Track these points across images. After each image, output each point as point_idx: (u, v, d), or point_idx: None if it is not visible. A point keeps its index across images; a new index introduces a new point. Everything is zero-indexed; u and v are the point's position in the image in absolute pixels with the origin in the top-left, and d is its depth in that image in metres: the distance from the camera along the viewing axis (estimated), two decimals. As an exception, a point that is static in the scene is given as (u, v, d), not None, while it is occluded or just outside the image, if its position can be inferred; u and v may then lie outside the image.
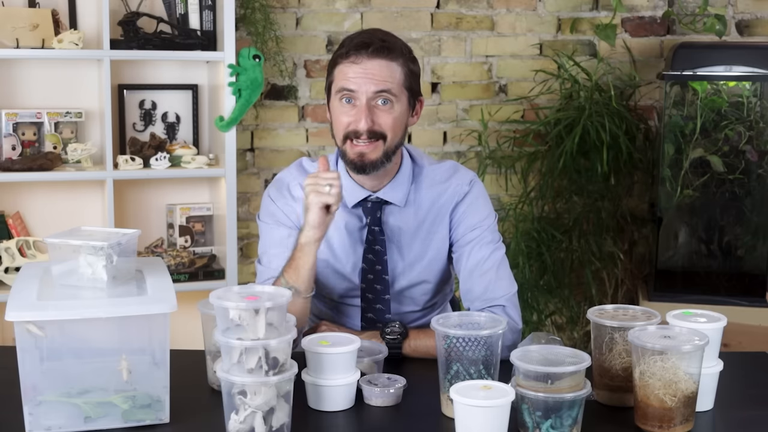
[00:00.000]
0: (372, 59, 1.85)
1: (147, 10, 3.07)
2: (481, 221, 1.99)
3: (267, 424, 1.42)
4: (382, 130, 1.86)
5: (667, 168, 3.20)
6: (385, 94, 1.86)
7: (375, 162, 1.88)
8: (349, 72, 1.86)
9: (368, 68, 1.85)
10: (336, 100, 1.89)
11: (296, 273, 1.84)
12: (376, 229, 1.96)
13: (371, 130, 1.85)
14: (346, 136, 1.88)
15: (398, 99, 1.88)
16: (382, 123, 1.86)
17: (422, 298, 2.03)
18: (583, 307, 3.42)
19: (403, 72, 1.88)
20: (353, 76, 1.85)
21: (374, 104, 1.86)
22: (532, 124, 3.44)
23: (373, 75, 1.85)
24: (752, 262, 3.22)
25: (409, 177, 1.99)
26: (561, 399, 1.41)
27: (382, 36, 1.90)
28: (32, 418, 1.47)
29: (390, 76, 1.86)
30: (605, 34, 3.30)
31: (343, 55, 1.88)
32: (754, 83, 3.15)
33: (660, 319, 1.61)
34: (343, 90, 1.87)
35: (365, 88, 1.85)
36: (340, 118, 1.88)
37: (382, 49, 1.86)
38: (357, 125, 1.85)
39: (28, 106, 3.05)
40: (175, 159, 3.09)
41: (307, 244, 1.83)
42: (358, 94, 1.85)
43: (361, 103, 1.85)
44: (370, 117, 1.85)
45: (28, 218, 3.12)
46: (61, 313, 1.46)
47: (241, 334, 1.41)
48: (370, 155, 1.87)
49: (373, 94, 1.85)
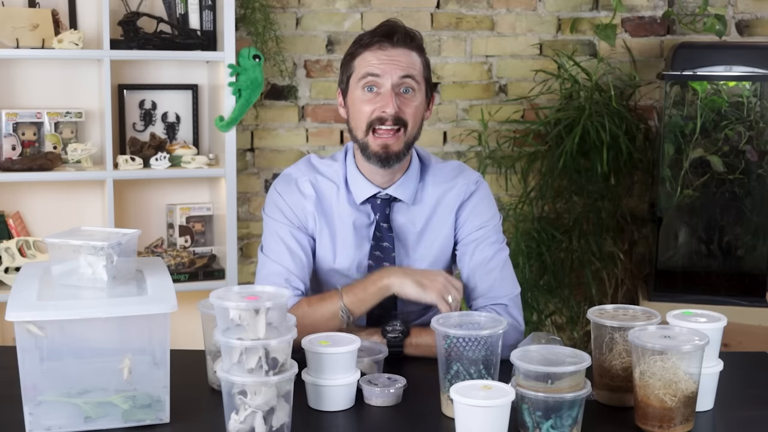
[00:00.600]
0: (396, 47, 1.88)
1: (147, 10, 3.07)
2: (487, 221, 2.00)
3: (267, 424, 1.42)
4: (405, 118, 1.88)
5: (667, 168, 3.20)
6: (409, 81, 1.87)
7: (398, 153, 1.89)
8: (373, 59, 1.88)
9: (393, 55, 1.87)
10: (358, 89, 1.89)
11: (360, 305, 1.84)
12: (385, 226, 1.96)
13: (396, 116, 1.86)
14: (370, 125, 1.88)
15: (419, 88, 1.90)
16: (406, 111, 1.88)
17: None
18: (583, 307, 3.42)
19: (422, 62, 1.92)
20: (378, 63, 1.87)
21: (398, 92, 1.87)
22: (532, 124, 3.44)
23: (399, 61, 1.87)
24: (752, 262, 3.22)
25: (417, 174, 1.99)
26: (561, 399, 1.41)
27: (404, 26, 1.93)
28: (32, 418, 1.47)
29: (413, 64, 1.89)
30: (605, 34, 3.30)
31: (366, 45, 1.89)
32: (754, 83, 3.15)
33: (660, 319, 1.61)
34: (367, 76, 1.87)
35: (391, 73, 1.86)
36: (363, 107, 1.89)
37: (407, 37, 1.89)
38: (384, 109, 1.86)
39: (28, 106, 3.05)
40: (175, 159, 3.09)
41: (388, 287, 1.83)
42: (383, 79, 1.86)
43: (386, 89, 1.86)
44: (396, 102, 1.86)
45: (28, 218, 3.12)
46: (61, 313, 1.46)
47: (241, 334, 1.41)
48: (393, 147, 1.88)
49: (398, 79, 1.87)
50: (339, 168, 2.00)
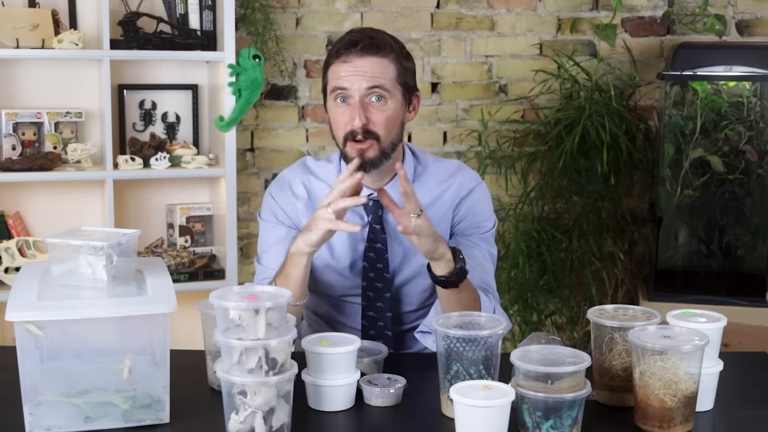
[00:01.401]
0: (362, 57, 1.86)
1: (147, 10, 3.07)
2: (485, 221, 2.01)
3: (267, 424, 1.42)
4: (375, 129, 1.86)
5: (667, 168, 3.20)
6: (377, 90, 1.86)
7: (373, 160, 1.87)
8: (341, 71, 1.86)
9: (358, 66, 1.85)
10: (331, 101, 1.90)
11: (286, 282, 1.83)
12: (378, 228, 1.96)
13: (365, 129, 1.85)
14: (346, 137, 1.88)
15: (392, 95, 1.88)
16: (375, 121, 1.86)
17: (421, 296, 2.03)
18: (583, 307, 3.42)
19: (395, 68, 1.89)
20: (345, 75, 1.86)
21: (368, 101, 1.86)
22: (532, 124, 3.44)
23: (364, 72, 1.85)
24: (752, 262, 3.22)
25: (410, 175, 1.99)
26: (561, 399, 1.41)
27: (371, 33, 1.90)
28: (32, 418, 1.47)
29: (381, 72, 1.86)
30: (605, 34, 3.30)
31: (333, 56, 1.89)
32: (754, 83, 3.15)
33: (660, 319, 1.61)
34: (336, 89, 1.87)
35: (357, 85, 1.85)
36: (338, 119, 1.89)
37: (371, 46, 1.87)
38: (351, 124, 1.85)
39: (28, 106, 3.05)
40: (175, 159, 3.09)
41: (298, 255, 1.81)
42: (350, 91, 1.85)
43: (354, 101, 1.85)
44: (363, 114, 1.85)
45: (28, 218, 3.12)
46: (61, 313, 1.46)
47: (241, 334, 1.41)
48: (368, 153, 1.86)
49: (365, 90, 1.85)
50: (333, 169, 2.00)
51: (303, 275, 1.83)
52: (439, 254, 1.78)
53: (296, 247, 1.81)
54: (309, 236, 1.78)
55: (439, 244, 1.77)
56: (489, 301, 1.91)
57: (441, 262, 1.79)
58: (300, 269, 1.82)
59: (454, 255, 1.80)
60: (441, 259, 1.78)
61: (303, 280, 1.83)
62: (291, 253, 1.82)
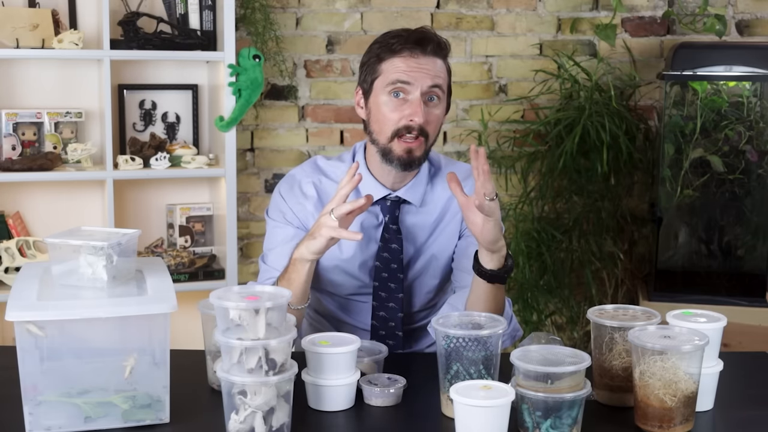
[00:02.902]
0: (427, 55, 1.87)
1: (147, 10, 3.07)
2: None
3: (267, 424, 1.42)
4: (428, 128, 1.87)
5: (667, 168, 3.20)
6: (436, 90, 1.87)
7: (420, 158, 1.89)
8: (404, 65, 1.86)
9: (423, 63, 1.87)
10: (384, 94, 1.88)
11: (288, 285, 1.82)
12: (393, 228, 1.96)
13: (421, 127, 1.86)
14: (396, 132, 1.87)
15: (443, 98, 1.91)
16: (430, 120, 1.88)
17: (425, 297, 2.03)
18: (583, 307, 3.42)
19: (447, 71, 1.92)
20: (408, 70, 1.86)
21: (425, 100, 1.87)
22: (532, 124, 3.44)
23: (428, 70, 1.87)
24: (752, 262, 3.22)
25: (426, 177, 1.99)
26: (561, 399, 1.41)
27: (436, 35, 1.92)
28: (32, 418, 1.47)
29: (441, 73, 1.89)
30: (605, 34, 3.30)
31: (396, 51, 1.88)
32: (754, 83, 3.15)
33: (660, 319, 1.61)
34: (397, 82, 1.86)
35: (421, 82, 1.85)
36: (389, 114, 1.88)
37: (438, 47, 1.89)
38: (412, 118, 1.85)
39: (28, 106, 3.05)
40: (175, 159, 3.09)
41: (300, 261, 1.81)
42: (412, 87, 1.85)
43: (414, 97, 1.86)
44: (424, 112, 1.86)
45: (28, 218, 3.12)
46: (61, 313, 1.46)
47: (241, 334, 1.41)
48: (416, 152, 1.87)
49: (427, 88, 1.86)
50: (345, 168, 1.98)
51: (305, 281, 1.83)
52: (499, 246, 1.77)
53: (299, 254, 1.81)
54: (312, 244, 1.78)
55: (501, 236, 1.77)
56: (509, 303, 1.92)
57: (496, 255, 1.78)
58: (302, 275, 1.82)
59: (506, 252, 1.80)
60: (498, 251, 1.78)
61: (305, 285, 1.83)
62: (294, 259, 1.82)
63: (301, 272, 1.81)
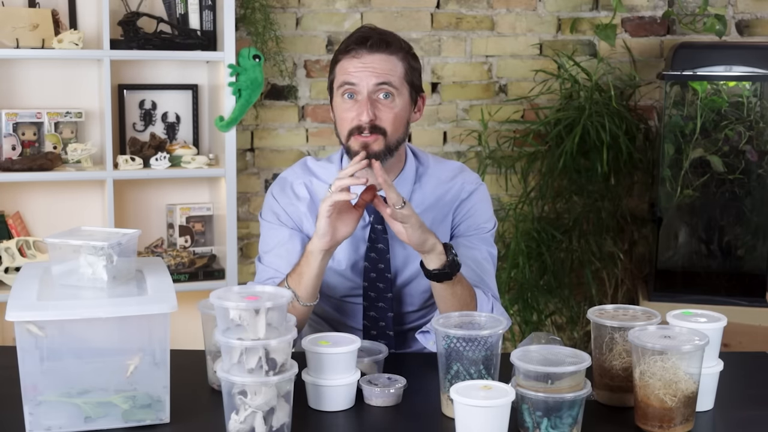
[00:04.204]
0: (372, 53, 1.86)
1: (147, 10, 3.07)
2: (485, 222, 2.01)
3: (267, 424, 1.42)
4: (382, 125, 1.86)
5: (667, 168, 3.20)
6: (386, 87, 1.86)
7: (378, 154, 1.87)
8: (350, 66, 1.87)
9: (368, 62, 1.86)
10: (338, 96, 1.89)
11: (299, 280, 1.83)
12: (379, 228, 1.96)
13: (372, 124, 1.85)
14: (350, 132, 1.87)
15: (399, 93, 1.88)
16: (383, 117, 1.86)
17: (422, 296, 2.03)
18: (583, 307, 3.42)
19: (403, 66, 1.89)
20: (354, 70, 1.86)
21: (376, 98, 1.86)
22: (532, 124, 3.44)
23: (374, 68, 1.86)
24: (752, 262, 3.22)
25: (412, 176, 1.99)
26: (561, 399, 1.41)
27: (381, 31, 1.91)
28: (32, 418, 1.47)
29: (390, 69, 1.87)
30: (605, 34, 3.30)
31: (342, 51, 1.89)
32: (754, 83, 3.15)
33: (660, 319, 1.61)
34: (344, 84, 1.87)
35: (366, 81, 1.85)
36: (343, 114, 1.89)
37: (381, 42, 1.87)
38: (359, 119, 1.85)
39: (28, 106, 3.05)
40: (175, 159, 3.09)
41: (312, 252, 1.82)
42: (359, 87, 1.85)
43: (362, 97, 1.86)
44: (371, 110, 1.85)
45: (28, 218, 3.12)
46: (61, 313, 1.46)
47: (241, 334, 1.41)
48: (373, 146, 1.86)
49: (374, 86, 1.85)
50: (334, 169, 2.00)
51: (317, 275, 1.83)
52: (429, 246, 1.78)
53: (311, 245, 1.82)
54: (317, 227, 1.79)
55: (429, 236, 1.78)
56: (486, 297, 1.91)
57: (432, 254, 1.79)
58: (314, 268, 1.82)
59: (445, 248, 1.80)
60: (432, 251, 1.79)
61: (316, 280, 1.83)
62: (307, 252, 1.83)
63: (312, 265, 1.81)
